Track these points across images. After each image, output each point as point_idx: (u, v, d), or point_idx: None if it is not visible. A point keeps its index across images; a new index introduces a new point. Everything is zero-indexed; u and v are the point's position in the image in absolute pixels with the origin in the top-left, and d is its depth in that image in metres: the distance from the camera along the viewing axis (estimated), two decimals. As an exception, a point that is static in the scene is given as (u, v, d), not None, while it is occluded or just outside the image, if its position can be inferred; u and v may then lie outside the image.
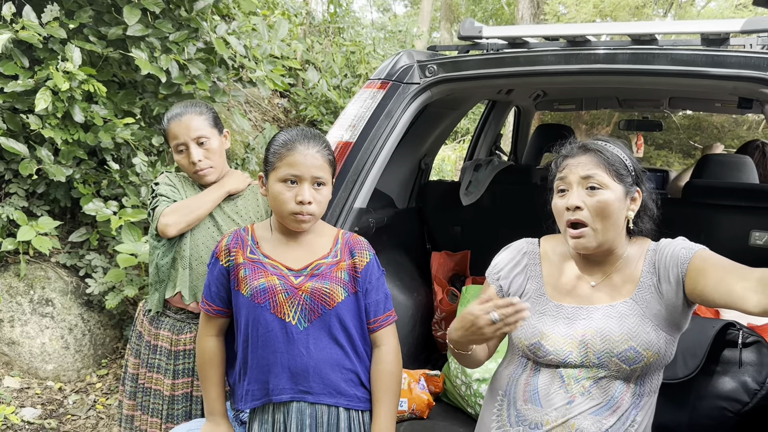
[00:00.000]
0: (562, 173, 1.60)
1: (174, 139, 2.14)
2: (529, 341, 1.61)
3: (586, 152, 1.59)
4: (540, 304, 1.66)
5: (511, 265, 1.73)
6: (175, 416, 2.17)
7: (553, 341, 1.58)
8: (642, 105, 4.43)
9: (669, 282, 1.54)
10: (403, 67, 2.39)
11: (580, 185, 1.56)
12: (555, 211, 1.63)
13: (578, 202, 1.54)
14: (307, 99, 6.11)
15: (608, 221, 1.55)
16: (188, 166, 2.16)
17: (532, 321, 1.63)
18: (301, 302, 1.70)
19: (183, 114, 2.13)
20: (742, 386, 2.20)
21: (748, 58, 1.95)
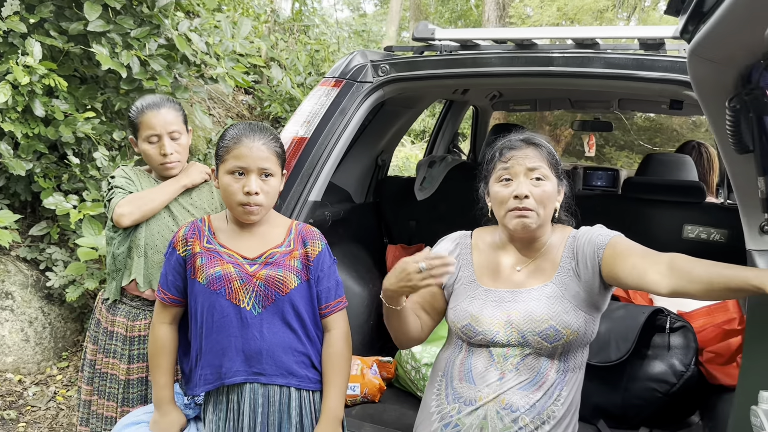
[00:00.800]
0: (507, 163, 1.72)
1: (148, 128, 2.19)
2: (461, 323, 1.75)
3: (530, 145, 1.74)
4: (471, 289, 1.79)
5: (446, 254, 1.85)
6: (131, 400, 2.24)
7: (482, 322, 1.71)
8: (593, 106, 4.61)
9: (586, 266, 1.69)
10: (357, 66, 2.49)
11: (525, 176, 1.70)
12: (497, 198, 1.74)
13: (527, 190, 1.68)
14: (271, 96, 6.17)
15: (547, 209, 1.72)
16: (157, 158, 2.22)
17: (463, 305, 1.76)
18: (256, 289, 1.79)
19: (161, 106, 2.21)
20: (670, 368, 2.37)
21: (673, 62, 2.11)
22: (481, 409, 1.67)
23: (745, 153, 1.50)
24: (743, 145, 1.48)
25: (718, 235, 2.79)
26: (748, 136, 1.47)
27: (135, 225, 2.19)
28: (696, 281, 1.43)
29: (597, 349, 2.42)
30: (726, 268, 1.39)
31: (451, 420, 1.71)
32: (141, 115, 2.20)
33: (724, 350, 2.38)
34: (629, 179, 3.21)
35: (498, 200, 1.73)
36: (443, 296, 1.86)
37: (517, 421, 1.63)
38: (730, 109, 1.45)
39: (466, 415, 1.69)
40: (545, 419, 1.64)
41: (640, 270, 1.55)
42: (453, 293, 1.83)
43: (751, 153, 1.49)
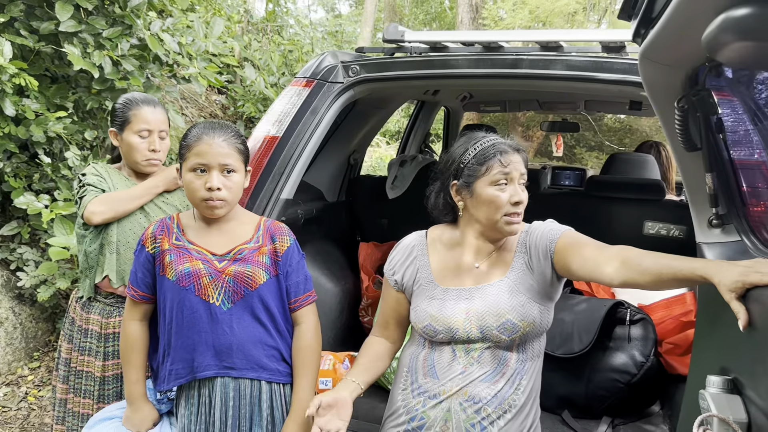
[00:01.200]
0: (507, 168, 1.72)
1: (143, 122, 2.25)
2: (422, 324, 1.80)
3: (518, 152, 1.78)
4: (429, 289, 1.84)
5: (402, 260, 1.91)
6: (106, 396, 2.26)
7: (442, 322, 1.76)
8: (560, 107, 4.72)
9: (539, 259, 1.76)
10: (328, 66, 2.54)
11: (518, 181, 1.75)
12: (493, 201, 1.72)
13: (523, 197, 1.74)
14: (244, 96, 6.18)
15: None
16: (144, 152, 2.27)
17: (423, 305, 1.81)
18: (225, 285, 1.83)
19: (156, 104, 2.30)
20: (631, 359, 2.45)
21: (631, 64, 2.19)
22: (445, 402, 1.73)
23: (693, 151, 1.58)
24: (691, 144, 1.57)
25: (678, 231, 2.90)
26: (696, 135, 1.55)
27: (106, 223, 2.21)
28: (645, 272, 1.49)
29: (561, 341, 2.50)
30: (675, 259, 1.46)
31: (416, 414, 1.77)
32: (136, 108, 2.25)
33: (681, 341, 2.47)
34: (592, 178, 3.31)
35: (495, 204, 1.72)
36: (407, 300, 1.91)
37: (480, 411, 1.70)
38: (679, 109, 1.53)
39: (431, 408, 1.75)
40: (507, 408, 1.71)
41: (591, 262, 1.62)
42: (413, 294, 1.88)
43: (699, 151, 1.57)
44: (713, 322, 1.56)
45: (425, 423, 1.75)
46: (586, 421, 2.47)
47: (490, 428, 1.70)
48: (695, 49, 1.35)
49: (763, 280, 1.22)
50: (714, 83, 1.48)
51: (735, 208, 1.61)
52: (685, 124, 1.54)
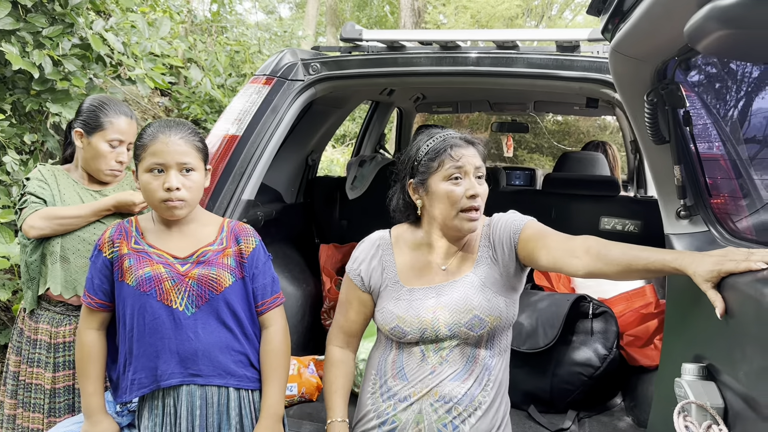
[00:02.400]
0: (459, 162, 1.70)
1: (117, 132, 2.18)
2: (389, 326, 1.77)
3: (472, 145, 1.75)
4: (395, 290, 1.81)
5: (368, 259, 1.86)
6: (57, 410, 2.15)
7: (409, 322, 1.74)
8: (510, 108, 4.80)
9: (503, 250, 1.75)
10: (288, 64, 2.49)
11: (473, 175, 1.72)
12: (449, 197, 1.70)
13: (480, 190, 1.70)
14: (190, 98, 6.02)
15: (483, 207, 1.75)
16: (109, 162, 2.19)
17: (389, 307, 1.79)
18: (188, 288, 1.75)
19: (133, 116, 2.24)
20: (594, 352, 2.50)
21: (591, 62, 2.24)
22: (416, 404, 1.71)
23: (662, 144, 1.62)
24: (660, 136, 1.60)
25: (632, 226, 2.98)
26: (664, 128, 1.59)
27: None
28: (613, 263, 1.50)
29: (526, 337, 2.52)
30: (643, 251, 1.47)
31: (387, 417, 1.75)
32: (113, 116, 2.18)
33: (642, 333, 2.53)
34: (549, 175, 3.37)
35: (450, 199, 1.70)
36: (372, 301, 1.87)
37: (451, 411, 1.69)
38: (648, 103, 1.56)
39: (402, 411, 1.73)
40: (477, 405, 1.71)
41: (556, 252, 1.62)
42: (379, 296, 1.84)
43: (667, 143, 1.61)
44: (684, 311, 1.59)
45: (397, 426, 1.73)
46: (552, 416, 2.51)
47: (462, 427, 1.69)
48: (667, 42, 1.38)
49: (738, 267, 1.25)
50: (682, 77, 1.51)
51: (702, 199, 1.65)
52: (654, 117, 1.57)
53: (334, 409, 1.82)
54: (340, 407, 1.82)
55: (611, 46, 1.51)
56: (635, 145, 4.31)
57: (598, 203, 3.06)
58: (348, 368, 1.90)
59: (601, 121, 14.09)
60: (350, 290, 1.90)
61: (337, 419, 1.80)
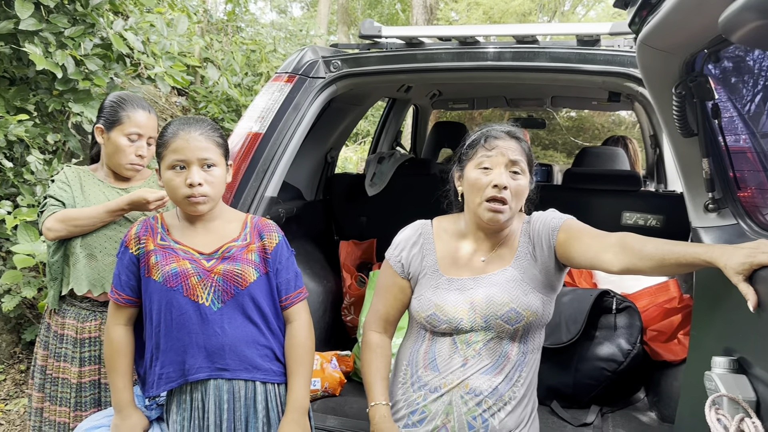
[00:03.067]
0: (491, 152, 1.72)
1: (135, 126, 2.19)
2: (426, 313, 1.78)
3: (513, 138, 1.76)
4: (434, 279, 1.82)
5: (410, 245, 1.88)
6: (84, 404, 2.18)
7: (446, 311, 1.75)
8: (527, 104, 4.78)
9: (542, 248, 1.76)
10: (309, 62, 2.50)
11: (506, 167, 1.72)
12: (475, 184, 1.74)
13: (506, 182, 1.70)
14: (207, 97, 6.06)
15: (519, 203, 1.76)
16: (129, 156, 2.21)
17: (427, 294, 1.80)
18: (214, 284, 1.77)
19: (151, 110, 2.25)
20: (617, 348, 2.49)
21: (614, 55, 2.23)
22: (446, 395, 1.72)
23: (690, 136, 1.61)
24: (688, 129, 1.59)
25: (655, 221, 2.96)
26: (692, 121, 1.58)
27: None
28: (647, 258, 1.50)
29: (549, 332, 2.51)
30: (675, 245, 1.48)
31: (417, 407, 1.76)
32: (130, 110, 2.20)
33: (666, 328, 2.52)
34: (570, 170, 3.35)
35: (476, 187, 1.73)
36: (410, 288, 1.89)
37: (481, 404, 1.70)
38: (677, 95, 1.55)
39: (432, 401, 1.74)
40: (507, 400, 1.71)
41: (593, 250, 1.63)
42: (417, 283, 1.86)
43: (695, 136, 1.60)
44: (713, 305, 1.59)
45: (426, 416, 1.74)
46: (575, 411, 2.50)
47: (491, 420, 1.70)
48: (697, 34, 1.38)
49: None
50: (711, 69, 1.51)
51: (730, 192, 1.64)
52: (682, 110, 1.56)
53: (376, 392, 1.82)
54: (381, 390, 1.82)
55: (639, 39, 1.50)
56: (654, 140, 4.28)
57: (620, 198, 3.05)
58: (386, 352, 1.91)
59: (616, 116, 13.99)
60: (389, 277, 1.91)
61: (381, 402, 1.79)
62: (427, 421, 1.74)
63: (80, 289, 2.14)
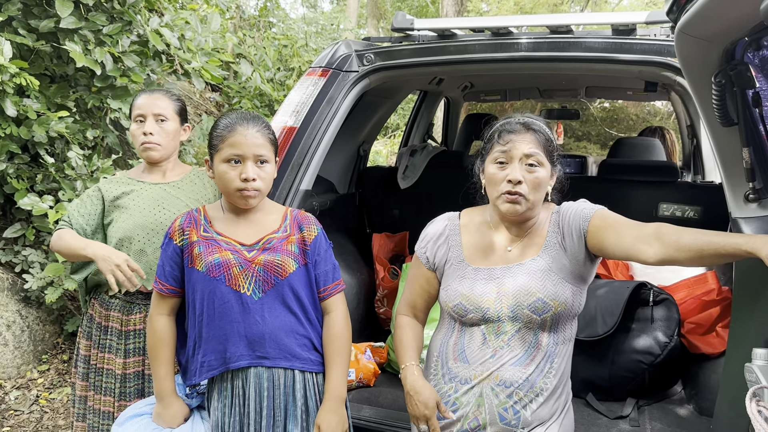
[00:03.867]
0: (505, 146, 1.73)
1: (137, 109, 2.25)
2: (453, 302, 1.79)
3: (529, 131, 1.75)
4: (460, 269, 1.83)
5: (435, 238, 1.90)
6: (128, 394, 2.23)
7: (473, 300, 1.76)
8: (561, 95, 4.72)
9: (572, 238, 1.74)
10: (342, 55, 2.52)
11: (521, 161, 1.72)
12: (491, 179, 1.76)
13: (520, 176, 1.70)
14: (240, 92, 6.13)
15: (539, 194, 1.74)
16: (138, 137, 2.26)
17: (454, 285, 1.81)
18: (255, 274, 1.82)
19: (154, 92, 2.29)
20: (654, 340, 2.46)
21: (651, 45, 2.20)
22: (477, 387, 1.73)
23: (730, 126, 1.58)
24: (728, 118, 1.57)
25: (692, 212, 2.91)
26: (732, 110, 1.55)
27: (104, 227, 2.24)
28: (684, 249, 1.48)
29: (584, 325, 2.50)
30: (715, 235, 1.45)
31: (449, 399, 1.77)
32: (135, 100, 2.27)
33: (704, 321, 2.49)
34: (605, 161, 3.32)
35: (492, 181, 1.75)
36: (437, 280, 1.90)
37: (512, 395, 1.70)
38: (716, 84, 1.53)
39: (463, 393, 1.74)
40: (539, 391, 1.71)
41: (627, 241, 1.61)
42: (444, 274, 1.87)
43: (735, 125, 1.57)
44: (754, 296, 1.57)
45: (458, 408, 1.75)
46: (611, 403, 2.49)
47: (523, 412, 1.70)
48: (737, 22, 1.36)
49: None
50: (751, 58, 1.48)
51: (772, 182, 1.61)
52: (722, 98, 1.54)
53: (406, 356, 1.85)
54: (412, 354, 1.85)
55: (677, 28, 1.48)
56: (691, 130, 4.20)
57: (657, 189, 3.01)
58: (416, 329, 1.94)
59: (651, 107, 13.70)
60: (417, 268, 1.94)
61: (412, 363, 1.82)
62: (458, 413, 1.75)
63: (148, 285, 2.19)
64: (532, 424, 1.71)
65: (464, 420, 1.74)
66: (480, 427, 1.73)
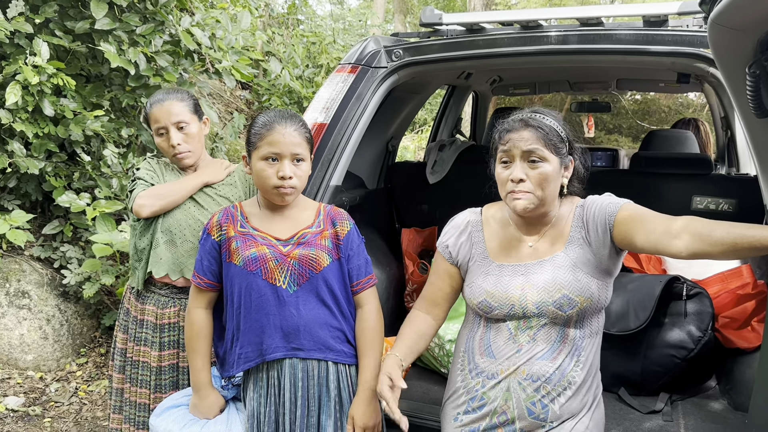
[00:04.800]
0: (505, 146, 1.72)
1: (155, 122, 2.27)
2: (477, 299, 1.78)
3: (527, 127, 1.71)
4: (484, 266, 1.82)
5: (456, 235, 1.89)
6: (163, 386, 2.29)
7: (497, 298, 1.75)
8: (591, 87, 4.67)
9: (597, 232, 1.71)
10: (371, 52, 2.54)
11: (522, 158, 1.70)
12: (497, 178, 1.76)
13: (521, 175, 1.68)
14: (270, 90, 6.19)
15: (547, 190, 1.71)
16: (167, 149, 2.29)
17: (478, 281, 1.80)
18: (290, 268, 1.86)
19: (164, 100, 2.27)
20: (687, 334, 2.44)
21: (683, 36, 2.17)
22: (504, 382, 1.72)
23: (764, 117, 1.55)
24: (763, 109, 1.54)
25: (727, 205, 2.87)
26: (767, 101, 1.53)
27: (155, 216, 2.24)
28: (717, 243, 1.45)
29: (616, 319, 2.49)
30: (748, 228, 1.42)
31: (476, 394, 1.77)
32: (150, 111, 2.28)
33: (739, 315, 2.45)
34: (637, 154, 3.28)
35: (499, 181, 1.75)
36: (460, 275, 1.90)
37: (540, 389, 1.69)
38: (750, 75, 1.50)
39: (490, 388, 1.74)
40: (566, 385, 1.70)
41: (657, 235, 1.57)
42: (468, 271, 1.86)
43: (771, 116, 1.55)
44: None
45: (485, 403, 1.75)
46: (643, 398, 2.47)
47: (551, 406, 1.69)
48: (771, 11, 1.33)
49: None
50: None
51: (808, 173, 1.59)
52: (756, 90, 1.51)
53: (396, 347, 1.83)
54: (400, 346, 1.83)
55: (711, 18, 1.46)
56: (725, 122, 4.12)
57: (690, 182, 2.96)
58: (422, 326, 1.91)
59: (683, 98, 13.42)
60: (438, 262, 1.94)
61: (394, 353, 1.79)
62: (486, 408, 1.75)
63: (159, 272, 2.25)
64: (561, 418, 1.71)
65: (493, 414, 1.74)
66: (509, 421, 1.72)
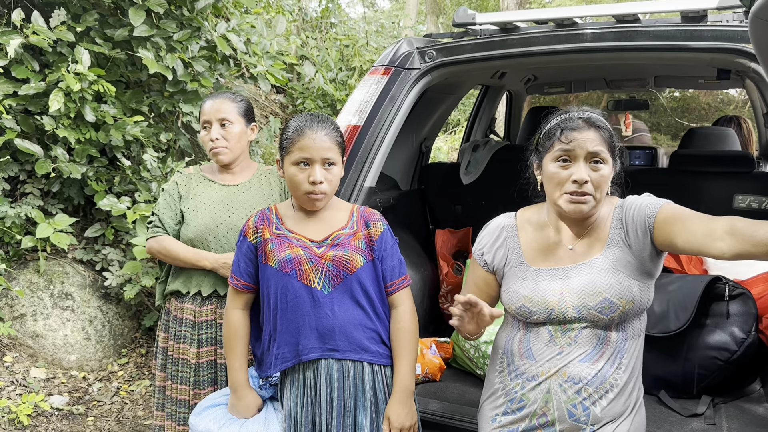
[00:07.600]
0: (568, 145, 1.66)
1: (203, 116, 2.36)
2: (515, 305, 1.76)
3: (592, 127, 1.68)
4: (521, 271, 1.79)
5: (492, 241, 1.86)
6: (202, 382, 2.34)
7: (536, 303, 1.72)
8: (629, 85, 4.58)
9: (637, 234, 1.67)
10: (404, 53, 2.55)
11: (585, 160, 1.66)
12: (552, 177, 1.69)
13: (587, 176, 1.64)
14: (303, 93, 6.24)
15: (603, 191, 1.69)
16: (206, 143, 2.36)
17: (515, 287, 1.77)
18: (325, 269, 1.87)
19: (217, 97, 2.38)
20: (730, 336, 2.38)
21: (723, 31, 2.12)
22: (544, 384, 1.70)
23: (808, 112, 1.51)
24: (807, 104, 1.50)
25: (770, 203, 2.79)
26: (812, 95, 1.49)
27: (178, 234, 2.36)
28: (761, 244, 1.40)
29: (656, 320, 2.44)
30: None
31: (515, 396, 1.76)
32: (202, 107, 2.38)
33: (784, 316, 2.38)
34: (677, 152, 3.21)
35: (555, 181, 1.69)
36: (497, 281, 1.87)
37: (581, 392, 1.66)
38: (793, 69, 1.46)
39: (530, 390, 1.72)
40: (608, 388, 1.67)
41: (698, 235, 1.53)
42: (504, 276, 1.84)
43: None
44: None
45: (525, 404, 1.73)
46: (684, 401, 2.42)
47: (593, 408, 1.66)
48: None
49: None
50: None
51: None
52: (800, 84, 1.47)
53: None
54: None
55: (752, 12, 1.43)
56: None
57: (732, 180, 2.89)
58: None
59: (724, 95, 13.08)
60: (474, 269, 1.93)
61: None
62: (525, 409, 1.73)
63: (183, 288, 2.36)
64: (602, 421, 1.68)
65: (532, 416, 1.72)
66: (548, 423, 1.70)
